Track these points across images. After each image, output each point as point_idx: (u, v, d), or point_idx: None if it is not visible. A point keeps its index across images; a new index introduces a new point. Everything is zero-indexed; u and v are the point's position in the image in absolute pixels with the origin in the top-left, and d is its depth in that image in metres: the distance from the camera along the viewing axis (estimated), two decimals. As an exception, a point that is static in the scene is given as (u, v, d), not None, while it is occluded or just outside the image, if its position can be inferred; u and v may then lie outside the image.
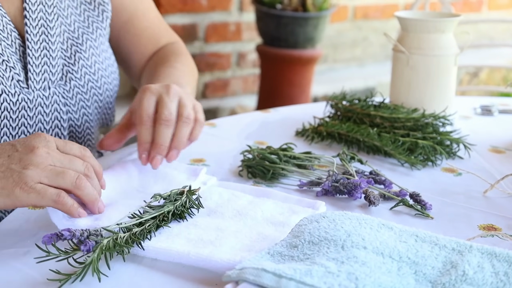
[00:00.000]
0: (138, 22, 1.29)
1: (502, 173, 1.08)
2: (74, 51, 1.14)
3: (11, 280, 0.74)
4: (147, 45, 1.31)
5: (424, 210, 0.93)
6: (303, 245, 0.74)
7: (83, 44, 1.16)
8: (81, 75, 1.14)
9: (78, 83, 1.14)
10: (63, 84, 1.12)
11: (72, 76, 1.13)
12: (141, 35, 1.30)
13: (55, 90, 1.10)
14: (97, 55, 1.18)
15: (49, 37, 1.10)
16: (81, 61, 1.15)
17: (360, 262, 0.70)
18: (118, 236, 0.76)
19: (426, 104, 1.28)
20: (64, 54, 1.13)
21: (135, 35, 1.29)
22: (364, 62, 3.89)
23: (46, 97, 1.09)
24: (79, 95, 1.14)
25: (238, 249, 0.78)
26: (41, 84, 1.08)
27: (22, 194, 0.80)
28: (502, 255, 0.73)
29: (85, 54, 1.16)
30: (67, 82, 1.12)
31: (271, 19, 3.09)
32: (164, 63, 1.22)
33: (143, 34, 1.30)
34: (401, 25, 1.32)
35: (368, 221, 0.79)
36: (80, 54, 1.15)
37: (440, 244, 0.76)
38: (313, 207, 0.91)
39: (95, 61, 1.17)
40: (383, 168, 1.10)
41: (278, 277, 0.66)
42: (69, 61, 1.13)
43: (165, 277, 0.75)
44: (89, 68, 1.16)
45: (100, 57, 1.19)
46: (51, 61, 1.10)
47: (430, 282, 0.69)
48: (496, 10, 4.29)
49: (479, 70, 4.10)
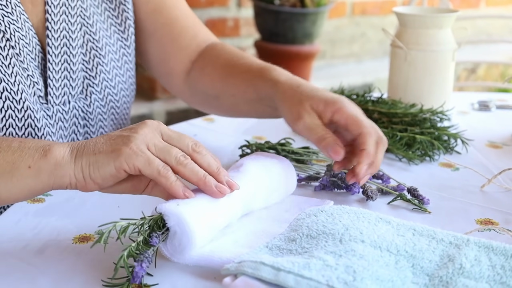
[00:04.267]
0: (167, 11, 1.19)
1: (499, 168, 1.08)
2: (96, 63, 1.10)
3: (10, 273, 0.74)
4: (182, 36, 1.20)
5: (421, 205, 0.94)
6: (301, 238, 0.75)
7: (105, 57, 1.11)
8: (101, 89, 1.11)
9: (98, 97, 1.10)
10: (83, 98, 1.08)
11: (93, 89, 1.09)
12: (173, 25, 1.20)
13: (75, 104, 1.07)
14: (118, 68, 1.13)
15: (70, 49, 1.06)
16: (102, 74, 1.10)
17: (358, 255, 0.70)
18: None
19: (424, 99, 1.28)
20: (86, 66, 1.09)
21: (165, 25, 1.19)
22: (362, 58, 3.90)
23: (66, 112, 1.05)
24: (98, 109, 1.11)
25: (241, 245, 0.78)
26: (60, 99, 1.04)
27: (132, 154, 0.76)
28: (499, 249, 0.73)
29: (106, 67, 1.11)
30: (88, 96, 1.09)
31: (269, 15, 3.10)
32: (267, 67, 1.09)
33: (175, 24, 1.20)
34: (399, 20, 1.32)
35: (366, 215, 0.80)
36: (102, 67, 1.10)
37: (437, 237, 0.76)
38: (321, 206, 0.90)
39: (116, 74, 1.13)
40: (381, 163, 1.10)
41: (277, 270, 0.67)
42: (91, 73, 1.09)
43: (163, 271, 0.75)
44: (109, 81, 1.12)
45: (122, 69, 1.14)
46: (72, 74, 1.06)
47: (428, 275, 0.70)
48: (494, 6, 4.29)
49: (477, 66, 4.11)
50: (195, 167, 0.79)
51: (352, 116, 0.93)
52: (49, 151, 0.78)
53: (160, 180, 0.77)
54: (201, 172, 0.79)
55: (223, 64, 1.15)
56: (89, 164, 0.77)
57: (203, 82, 1.18)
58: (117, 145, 0.77)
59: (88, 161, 0.77)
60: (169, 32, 1.19)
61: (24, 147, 0.80)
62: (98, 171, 0.77)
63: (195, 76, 1.19)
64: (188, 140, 0.81)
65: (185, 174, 0.78)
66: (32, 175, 0.78)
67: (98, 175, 0.77)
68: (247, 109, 1.12)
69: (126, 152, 0.76)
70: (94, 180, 0.78)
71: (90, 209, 0.91)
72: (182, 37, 1.20)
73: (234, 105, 1.14)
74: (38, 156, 0.78)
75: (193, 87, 1.20)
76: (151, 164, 0.76)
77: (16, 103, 0.97)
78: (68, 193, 0.95)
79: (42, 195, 0.94)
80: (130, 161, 0.76)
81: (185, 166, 0.78)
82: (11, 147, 0.80)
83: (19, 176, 0.78)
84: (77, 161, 0.78)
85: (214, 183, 0.78)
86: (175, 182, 0.77)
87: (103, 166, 0.77)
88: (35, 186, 0.78)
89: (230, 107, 1.16)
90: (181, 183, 0.77)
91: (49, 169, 0.78)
